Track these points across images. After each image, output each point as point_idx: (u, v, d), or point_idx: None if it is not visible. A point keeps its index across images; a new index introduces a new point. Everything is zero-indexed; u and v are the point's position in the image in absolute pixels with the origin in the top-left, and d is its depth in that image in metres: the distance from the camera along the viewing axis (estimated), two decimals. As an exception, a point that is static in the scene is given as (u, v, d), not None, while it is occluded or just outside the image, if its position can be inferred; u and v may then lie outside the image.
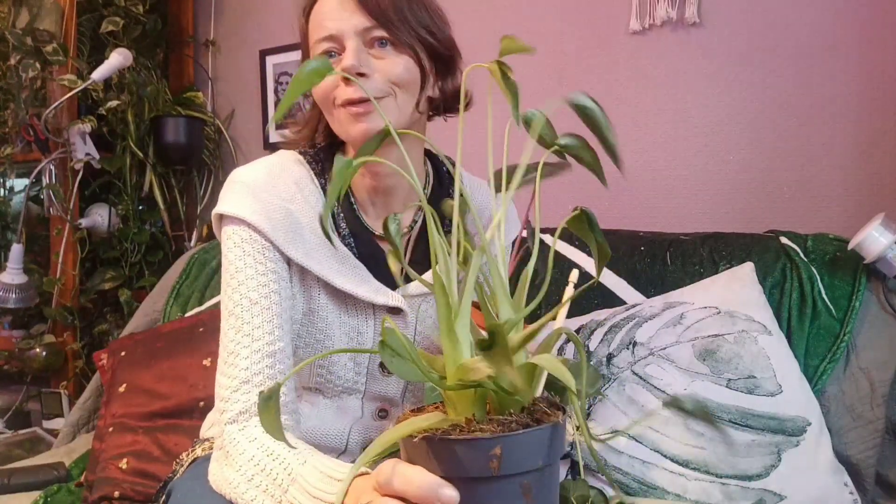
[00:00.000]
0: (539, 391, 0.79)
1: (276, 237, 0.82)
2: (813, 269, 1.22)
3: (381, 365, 0.91)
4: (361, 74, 0.79)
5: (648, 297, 1.30)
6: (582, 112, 0.50)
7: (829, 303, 1.19)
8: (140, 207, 2.17)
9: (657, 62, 1.57)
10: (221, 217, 0.86)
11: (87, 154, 1.96)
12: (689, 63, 1.54)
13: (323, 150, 0.93)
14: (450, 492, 0.47)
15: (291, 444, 0.50)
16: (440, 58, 0.87)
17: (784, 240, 1.29)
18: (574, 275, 0.82)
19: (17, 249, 1.94)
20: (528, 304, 0.54)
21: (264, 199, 0.83)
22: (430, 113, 0.93)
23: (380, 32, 0.81)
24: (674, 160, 1.56)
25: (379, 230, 0.90)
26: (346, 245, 0.88)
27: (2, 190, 2.20)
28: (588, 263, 1.38)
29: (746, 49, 1.47)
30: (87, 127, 1.94)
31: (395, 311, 0.88)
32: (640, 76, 1.59)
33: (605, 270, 1.36)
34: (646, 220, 1.59)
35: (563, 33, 1.69)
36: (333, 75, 0.79)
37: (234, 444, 0.74)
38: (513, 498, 0.46)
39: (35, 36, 1.91)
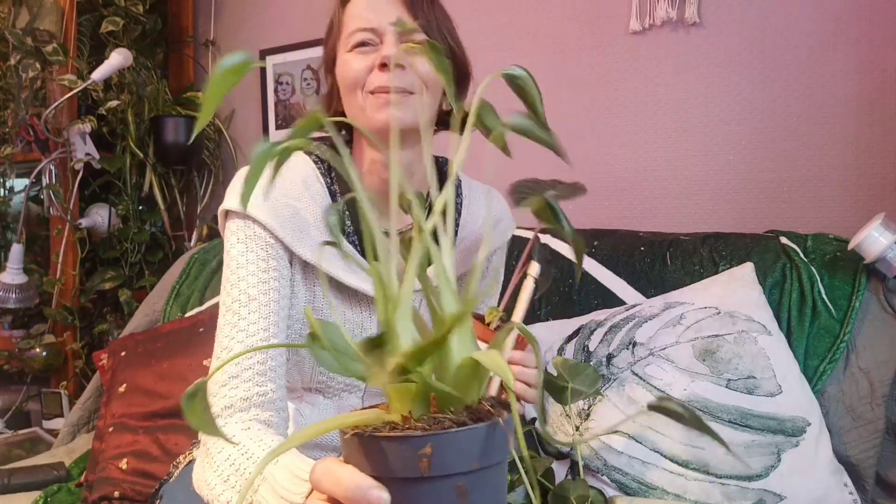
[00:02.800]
0: (494, 390, 0.78)
1: (283, 235, 0.83)
2: (813, 269, 1.22)
3: None
4: (399, 65, 0.82)
5: (648, 297, 1.30)
6: (512, 81, 0.50)
7: (828, 303, 1.19)
8: (140, 207, 2.17)
9: (657, 62, 1.57)
10: (227, 213, 0.86)
11: (87, 154, 1.96)
12: (689, 63, 1.54)
13: (328, 149, 0.94)
14: (379, 493, 0.44)
15: (230, 439, 0.48)
16: (458, 72, 0.90)
17: (784, 240, 1.29)
18: (534, 268, 0.81)
19: (17, 249, 1.94)
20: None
21: (272, 197, 0.84)
22: (437, 127, 0.95)
23: (419, 34, 0.85)
24: (674, 160, 1.56)
25: (383, 228, 0.90)
26: (350, 243, 0.89)
27: (2, 190, 2.20)
28: (590, 265, 1.38)
29: (746, 49, 1.47)
30: (87, 127, 1.94)
31: None
32: (640, 76, 1.59)
33: (605, 270, 1.36)
34: (646, 220, 1.59)
35: (563, 33, 1.68)
36: (366, 63, 0.83)
37: (214, 443, 0.74)
38: (447, 501, 0.43)
39: (35, 36, 1.90)
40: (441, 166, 0.99)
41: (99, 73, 1.88)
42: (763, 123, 1.47)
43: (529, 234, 1.47)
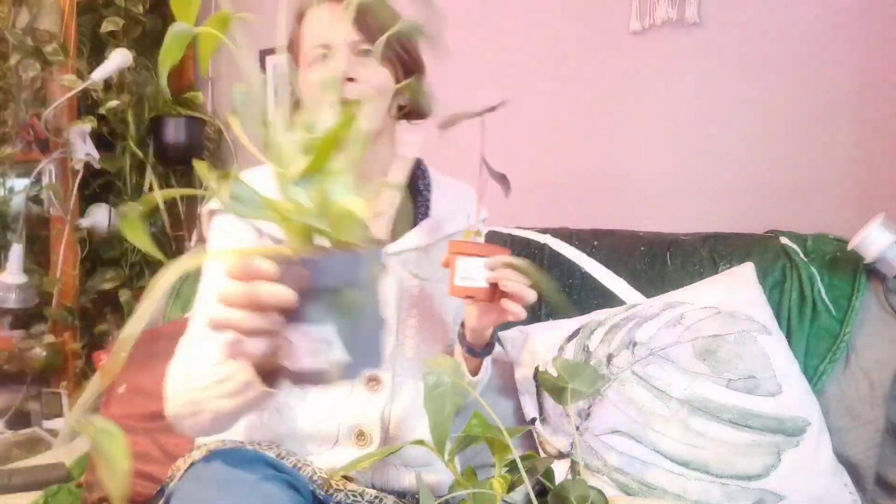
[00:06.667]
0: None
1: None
2: (813, 269, 1.22)
3: None
4: (350, 79, 0.91)
5: (648, 297, 1.30)
6: None
7: (829, 303, 1.19)
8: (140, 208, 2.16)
9: (657, 62, 1.57)
10: (212, 213, 1.03)
11: (87, 154, 1.96)
12: (689, 63, 1.53)
13: None
14: (260, 262, 0.55)
15: (158, 253, 0.60)
16: (409, 71, 0.99)
17: (784, 240, 1.29)
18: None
19: (17, 249, 1.94)
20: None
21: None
22: (398, 118, 1.04)
23: (366, 46, 0.93)
24: (674, 160, 1.56)
25: None
26: None
27: (2, 190, 2.19)
28: (590, 265, 1.38)
29: (746, 49, 1.47)
30: (87, 127, 1.94)
31: None
32: (640, 76, 1.59)
33: (605, 270, 1.37)
34: (646, 220, 1.59)
35: (563, 33, 1.68)
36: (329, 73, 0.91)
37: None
38: (325, 310, 0.54)
39: (35, 36, 1.90)
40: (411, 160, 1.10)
41: (99, 73, 1.88)
42: (763, 123, 1.46)
43: (508, 230, 1.48)
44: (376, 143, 0.99)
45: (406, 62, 0.98)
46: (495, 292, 0.88)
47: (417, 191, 1.07)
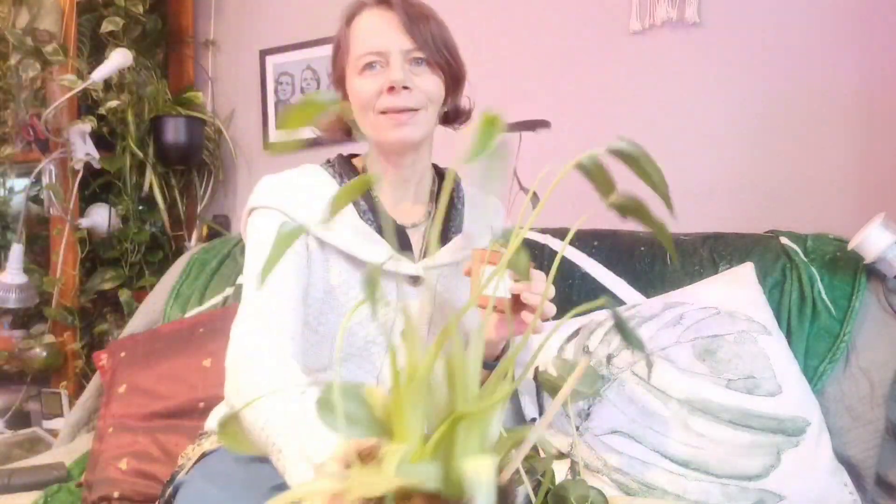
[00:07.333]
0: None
1: (298, 217, 0.93)
2: (813, 269, 1.22)
3: None
4: (406, 88, 0.92)
5: (648, 297, 1.29)
6: (626, 159, 0.47)
7: (829, 303, 1.19)
8: (140, 207, 2.16)
9: (657, 62, 1.57)
10: (251, 211, 0.96)
11: (87, 154, 1.96)
12: (689, 63, 1.54)
13: (338, 160, 1.04)
14: None
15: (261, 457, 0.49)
16: (454, 78, 0.99)
17: (784, 240, 1.29)
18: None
19: (17, 249, 1.94)
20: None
21: (287, 195, 0.96)
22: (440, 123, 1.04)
23: (419, 54, 0.94)
24: (674, 160, 1.56)
25: (396, 219, 1.01)
26: (366, 221, 0.97)
27: (2, 190, 2.20)
28: (590, 265, 1.38)
29: (746, 49, 1.47)
30: (88, 127, 1.94)
31: (415, 280, 0.98)
32: (640, 76, 1.59)
33: (605, 270, 1.36)
34: (646, 220, 1.59)
35: (563, 33, 1.68)
36: (375, 86, 0.92)
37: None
38: None
39: (35, 36, 1.90)
40: (438, 168, 1.09)
41: (99, 73, 1.88)
42: (763, 123, 1.47)
43: (535, 236, 1.48)
44: (419, 151, 0.99)
45: (453, 69, 0.98)
46: (516, 304, 0.87)
47: (452, 205, 1.07)
